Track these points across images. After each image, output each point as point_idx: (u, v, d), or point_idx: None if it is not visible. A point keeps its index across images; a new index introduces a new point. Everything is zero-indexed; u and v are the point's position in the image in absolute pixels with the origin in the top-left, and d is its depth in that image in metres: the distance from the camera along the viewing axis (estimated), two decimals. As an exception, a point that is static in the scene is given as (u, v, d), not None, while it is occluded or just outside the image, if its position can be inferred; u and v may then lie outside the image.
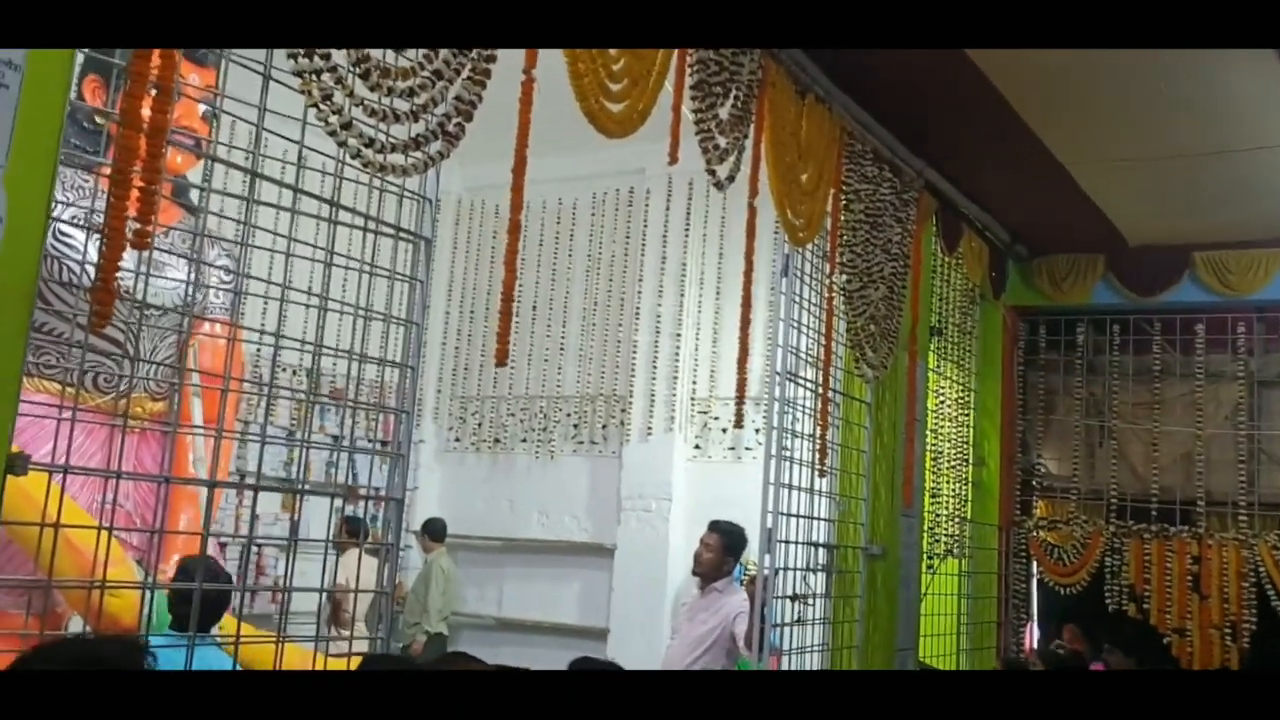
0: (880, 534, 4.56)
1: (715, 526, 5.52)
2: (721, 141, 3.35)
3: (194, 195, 4.21)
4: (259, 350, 5.69)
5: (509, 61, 2.45)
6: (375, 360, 2.43)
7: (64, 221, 3.48)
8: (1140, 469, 6.01)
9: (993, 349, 6.21)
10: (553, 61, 2.60)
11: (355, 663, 2.16)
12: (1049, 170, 5.06)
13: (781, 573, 3.95)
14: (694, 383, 7.55)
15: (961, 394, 5.88)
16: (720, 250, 7.61)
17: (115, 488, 2.10)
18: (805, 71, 3.82)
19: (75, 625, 3.75)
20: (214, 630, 3.02)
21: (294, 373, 6.90)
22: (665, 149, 3.28)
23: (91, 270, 3.51)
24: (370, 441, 7.93)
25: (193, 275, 3.18)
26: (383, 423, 8.24)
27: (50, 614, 3.74)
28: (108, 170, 1.99)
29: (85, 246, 3.65)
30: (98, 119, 3.76)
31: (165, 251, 3.58)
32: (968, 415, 5.94)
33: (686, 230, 7.71)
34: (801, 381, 4.12)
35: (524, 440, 8.19)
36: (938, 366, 5.57)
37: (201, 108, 3.91)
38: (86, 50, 2.77)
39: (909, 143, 4.65)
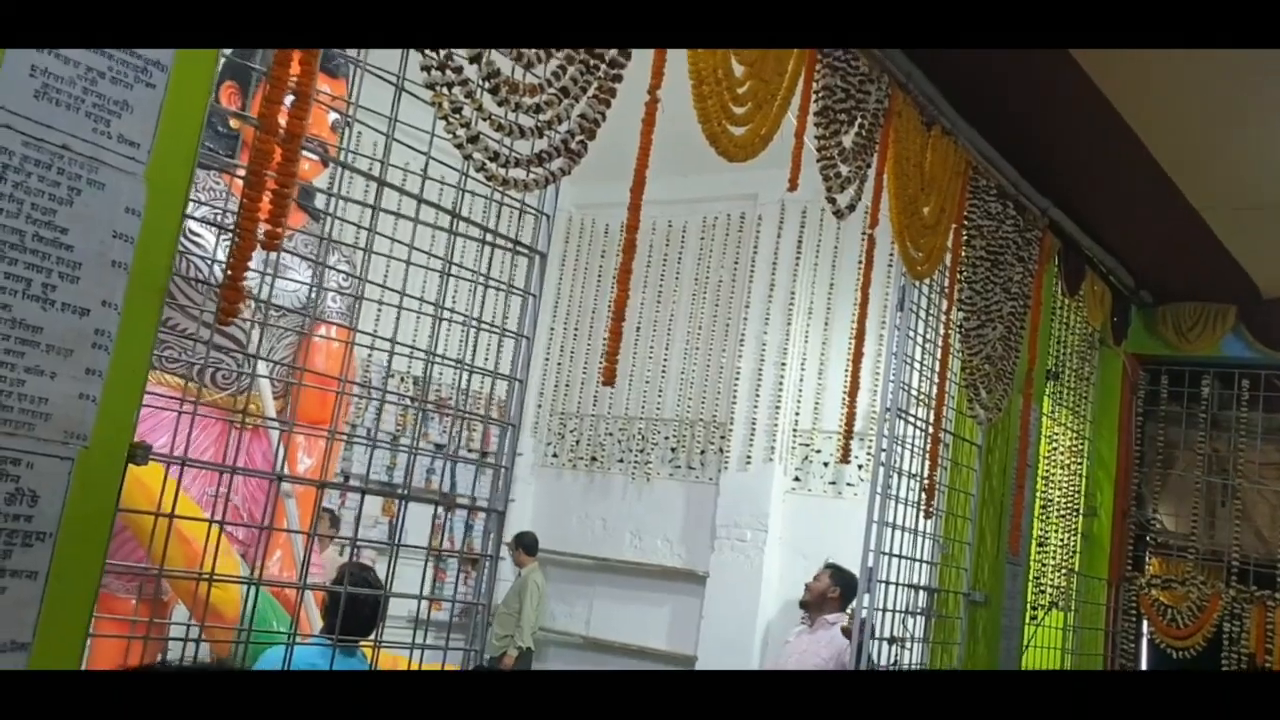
0: (984, 580, 4.41)
1: (830, 567, 5.48)
2: (843, 169, 3.30)
3: (319, 201, 4.32)
4: (370, 355, 5.80)
5: (631, 81, 2.44)
6: (484, 371, 2.43)
7: (194, 219, 3.59)
8: (1266, 532, 5.71)
9: (1111, 397, 5.99)
10: (673, 83, 2.58)
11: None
12: (1180, 214, 4.87)
13: (880, 615, 3.85)
14: (797, 414, 7.45)
15: (1076, 441, 5.68)
16: (831, 281, 7.51)
17: (229, 482, 2.13)
18: (932, 103, 3.74)
19: (180, 614, 3.85)
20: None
21: (401, 379, 7.03)
22: (780, 175, 3.24)
23: (218, 269, 3.62)
24: (470, 452, 8.04)
25: (315, 278, 3.25)
26: (483, 434, 8.35)
27: (157, 601, 3.84)
28: (241, 173, 2.03)
29: (215, 246, 3.76)
30: (232, 123, 3.88)
31: (290, 253, 3.67)
32: (1081, 464, 5.73)
33: (797, 259, 7.63)
34: (911, 419, 4.02)
35: (621, 460, 8.18)
36: (1052, 411, 5.39)
37: (331, 117, 4.00)
38: (228, 55, 2.86)
39: (1035, 180, 4.52)
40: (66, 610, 1.53)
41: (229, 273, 1.72)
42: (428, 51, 1.98)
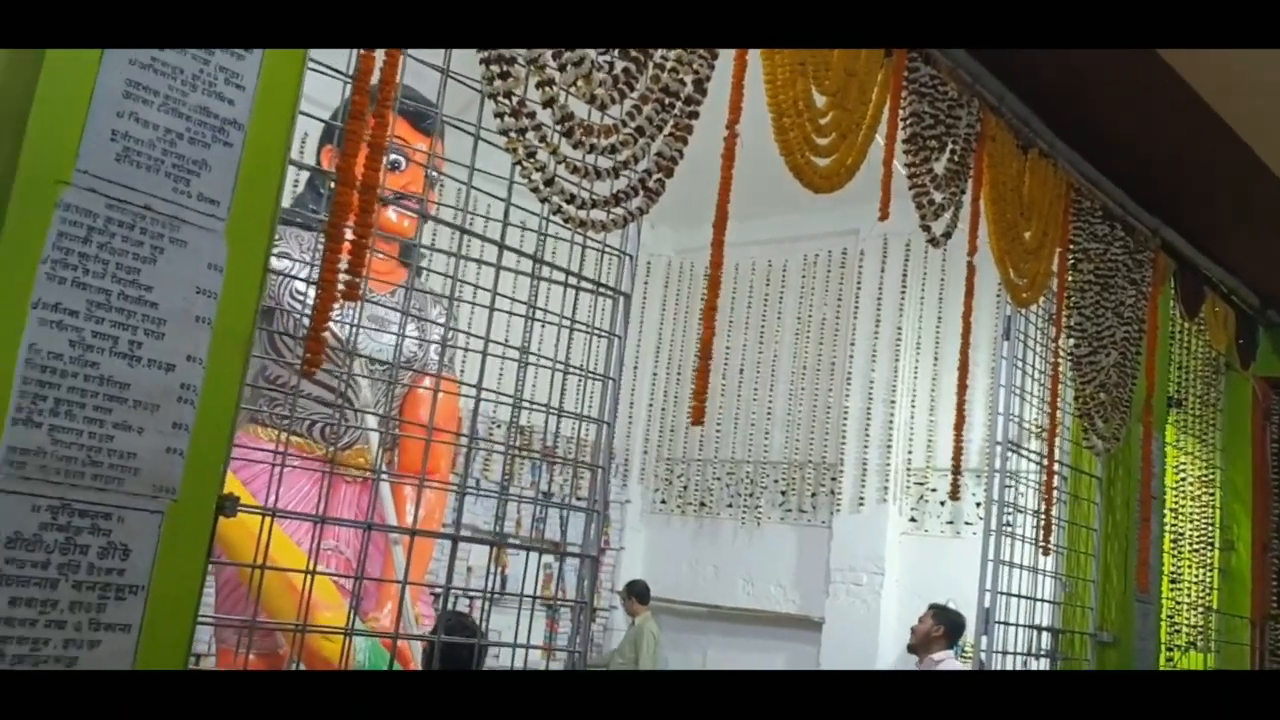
0: (1111, 620, 4.20)
1: (933, 608, 5.43)
2: (937, 197, 3.22)
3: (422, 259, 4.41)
4: (475, 406, 5.85)
5: (715, 120, 2.43)
6: (573, 415, 2.42)
7: (299, 279, 3.69)
8: None
9: (1240, 423, 5.67)
10: (760, 121, 2.56)
11: None
12: (1307, 228, 4.62)
13: (1000, 657, 3.69)
14: (909, 452, 7.27)
15: (1205, 471, 5.39)
16: (939, 314, 7.34)
17: (320, 532, 2.15)
18: (1027, 125, 3.64)
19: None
20: None
21: (500, 427, 7.10)
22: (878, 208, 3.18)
23: (330, 329, 3.72)
24: (579, 500, 8.04)
25: (404, 329, 3.30)
26: (590, 482, 8.35)
27: (274, 655, 3.91)
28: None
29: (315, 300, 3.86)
30: (333, 185, 3.99)
31: (387, 307, 3.73)
32: (1213, 495, 5.43)
33: (903, 293, 7.50)
34: (1025, 452, 3.87)
35: (729, 505, 8.09)
36: (1177, 441, 5.13)
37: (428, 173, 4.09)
38: (319, 118, 2.94)
39: (1142, 199, 4.34)
40: (160, 663, 1.55)
41: (312, 323, 1.74)
42: (500, 99, 2.00)
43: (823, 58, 2.70)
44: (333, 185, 1.88)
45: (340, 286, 1.77)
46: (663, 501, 8.48)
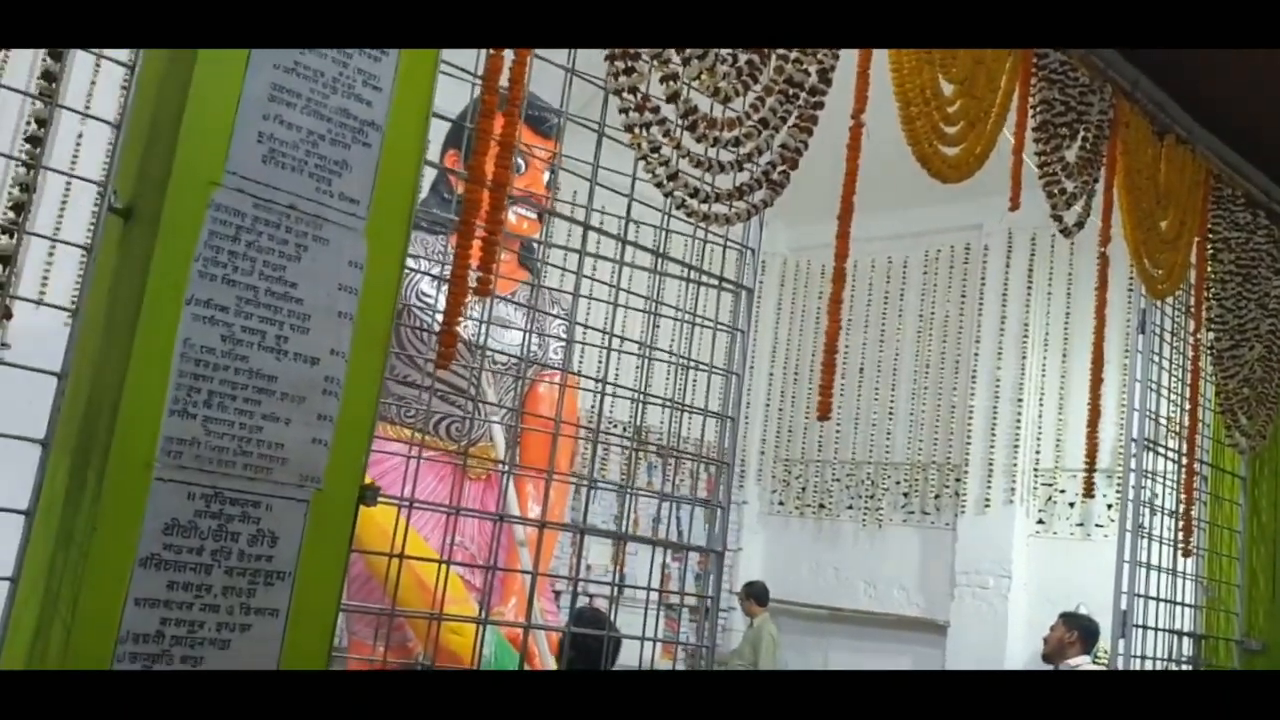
0: (1259, 627, 4.01)
1: (1064, 616, 5.33)
2: (1068, 186, 3.12)
3: (538, 252, 4.47)
4: (594, 403, 5.91)
5: (838, 115, 2.40)
6: (696, 410, 2.42)
7: (425, 280, 3.77)
8: None
9: (1401, 420, 5.35)
10: (884, 114, 2.52)
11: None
12: None
13: (1140, 661, 3.55)
14: (1037, 452, 7.07)
15: (1361, 471, 5.10)
16: (1067, 309, 7.12)
17: (454, 524, 2.20)
18: (1164, 110, 3.50)
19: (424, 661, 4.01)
20: None
21: (624, 428, 7.15)
22: (1003, 201, 3.09)
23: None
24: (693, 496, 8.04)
25: (532, 326, 3.35)
26: (706, 480, 8.34)
27: (402, 648, 4.02)
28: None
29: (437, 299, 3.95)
30: (458, 190, 4.09)
31: (513, 304, 3.80)
32: (1369, 496, 5.13)
33: (1029, 288, 7.30)
34: (1162, 450, 3.72)
35: (850, 507, 7.99)
36: (1330, 438, 4.86)
37: (546, 175, 4.15)
38: (447, 120, 3.01)
39: (1290, 186, 4.14)
40: (306, 647, 1.60)
41: (445, 319, 1.78)
42: (625, 94, 2.01)
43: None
44: (462, 185, 1.92)
45: (472, 283, 1.80)
46: (780, 502, 8.42)
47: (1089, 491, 3.15)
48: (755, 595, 7.58)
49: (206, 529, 1.53)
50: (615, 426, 6.60)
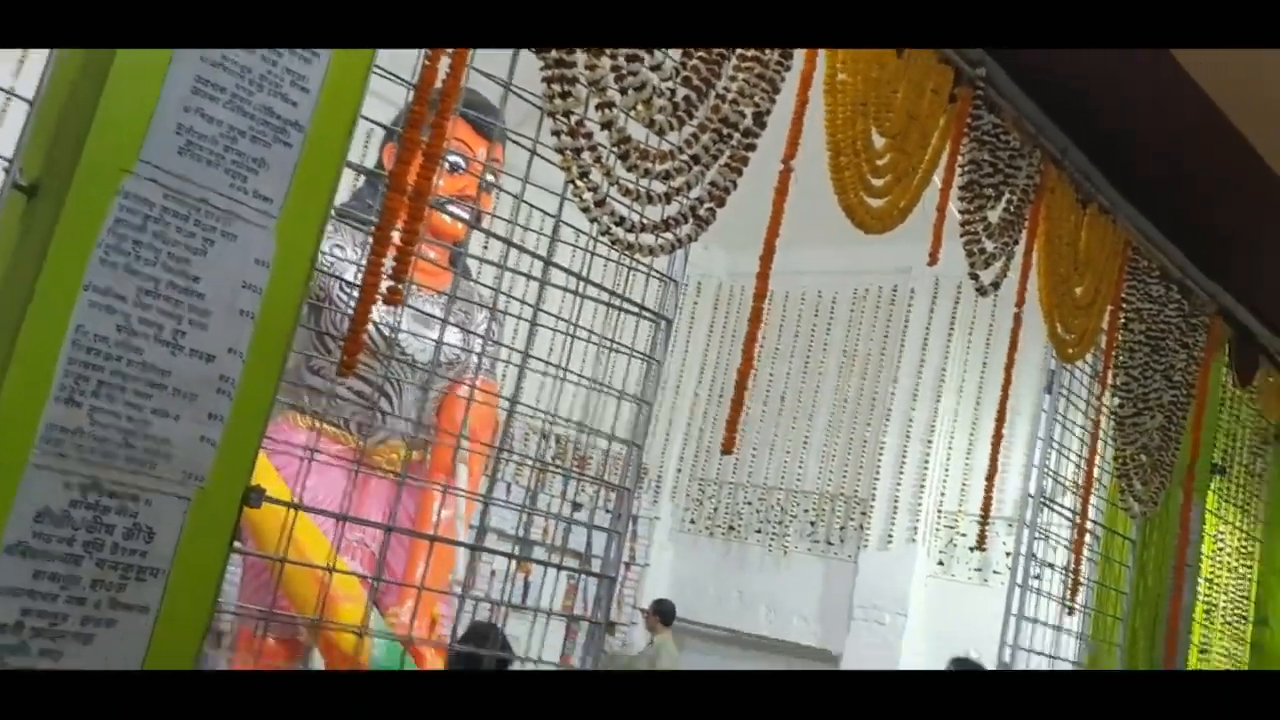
0: (1134, 687, 4.13)
1: (953, 661, 5.40)
2: (988, 245, 3.19)
3: (471, 263, 4.44)
4: (513, 418, 5.88)
5: (773, 149, 2.43)
6: (604, 435, 2.43)
7: (347, 276, 3.73)
8: None
9: (1285, 497, 5.56)
10: (817, 151, 2.57)
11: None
12: (1370, 305, 4.53)
13: (1016, 714, 3.64)
14: (942, 494, 7.21)
15: (1244, 542, 5.28)
16: (984, 359, 7.28)
17: (343, 528, 2.18)
18: (1090, 179, 3.60)
19: (316, 658, 3.95)
20: None
21: (540, 442, 7.12)
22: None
23: (376, 327, 3.77)
24: (601, 510, 8.05)
25: (444, 332, 3.33)
26: (616, 499, 8.36)
27: (293, 640, 3.96)
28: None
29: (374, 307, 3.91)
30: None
31: (422, 313, 3.76)
32: (1250, 566, 5.32)
33: (949, 335, 7.45)
34: (1058, 508, 3.82)
35: (758, 531, 8.07)
36: (1218, 509, 5.04)
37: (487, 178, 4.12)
38: (373, 122, 2.98)
39: (1203, 264, 4.28)
40: (175, 645, 1.58)
41: (351, 325, 1.77)
42: (559, 117, 2.02)
43: (886, 99, 2.70)
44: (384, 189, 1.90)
45: (382, 291, 1.79)
46: (692, 521, 8.47)
47: (981, 543, 3.23)
48: (661, 613, 7.60)
49: (80, 520, 1.49)
50: (533, 435, 6.57)
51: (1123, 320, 3.85)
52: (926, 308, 7.55)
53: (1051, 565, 3.77)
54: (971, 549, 6.94)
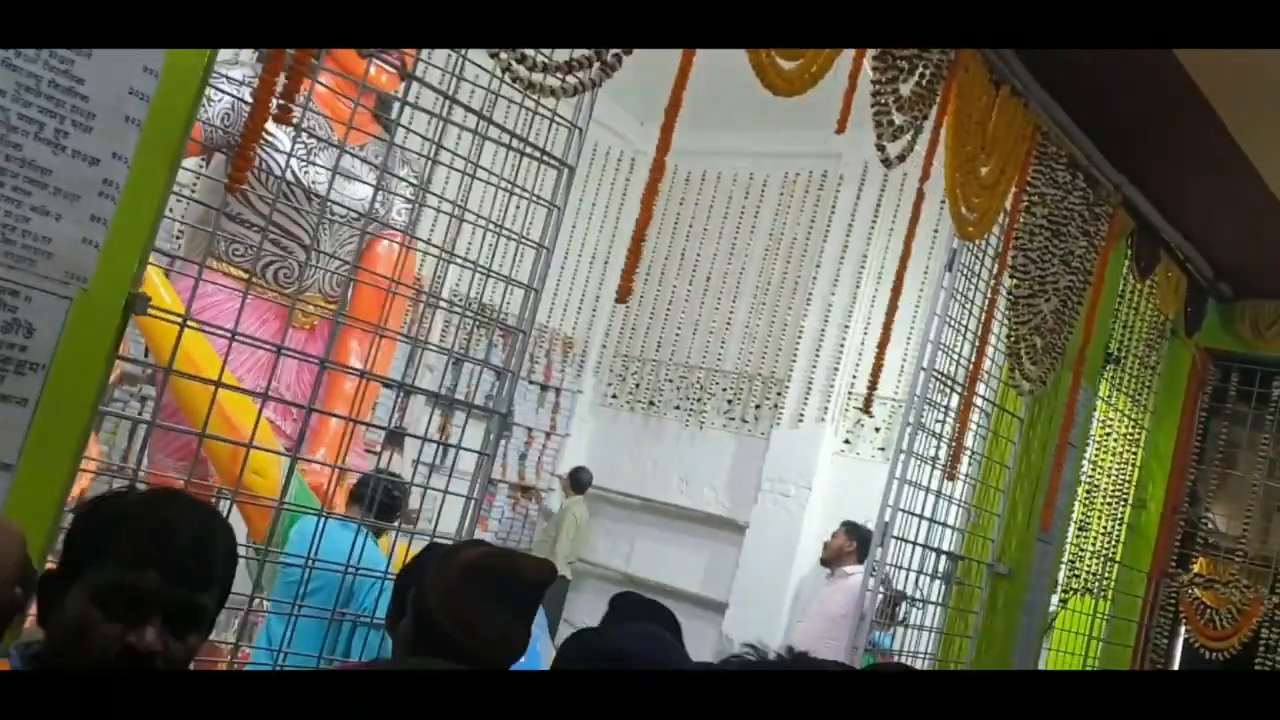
0: (1010, 554, 4.38)
1: (845, 524, 5.66)
2: (897, 118, 3.25)
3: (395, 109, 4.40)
4: (434, 271, 5.90)
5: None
6: (500, 277, 2.48)
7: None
8: (1319, 542, 5.53)
9: (1175, 389, 5.82)
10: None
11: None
12: (1266, 206, 4.69)
13: (898, 571, 3.85)
14: (854, 377, 7.41)
15: (1132, 430, 5.55)
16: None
17: (276, 364, 2.22)
18: (1004, 60, 3.66)
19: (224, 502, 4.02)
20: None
21: (454, 294, 7.09)
22: (865, 136, 3.22)
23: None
24: (532, 384, 8.17)
25: (331, 166, 3.32)
26: (546, 366, 8.47)
27: (202, 484, 4.01)
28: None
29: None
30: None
31: (354, 155, 3.74)
32: (1135, 453, 5.60)
33: (873, 222, 7.54)
34: (948, 382, 3.98)
35: (677, 407, 8.23)
36: (1109, 397, 5.27)
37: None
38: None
39: (1111, 154, 4.39)
40: (54, 440, 1.62)
41: (241, 141, 1.79)
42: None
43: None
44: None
45: (273, 110, 1.80)
46: (614, 396, 8.60)
47: (867, 408, 3.37)
48: (574, 481, 7.79)
49: (-41, 312, 1.52)
50: (442, 289, 6.58)
51: (1026, 203, 3.95)
52: (853, 194, 7.62)
53: (937, 435, 3.94)
54: (877, 429, 7.17)
